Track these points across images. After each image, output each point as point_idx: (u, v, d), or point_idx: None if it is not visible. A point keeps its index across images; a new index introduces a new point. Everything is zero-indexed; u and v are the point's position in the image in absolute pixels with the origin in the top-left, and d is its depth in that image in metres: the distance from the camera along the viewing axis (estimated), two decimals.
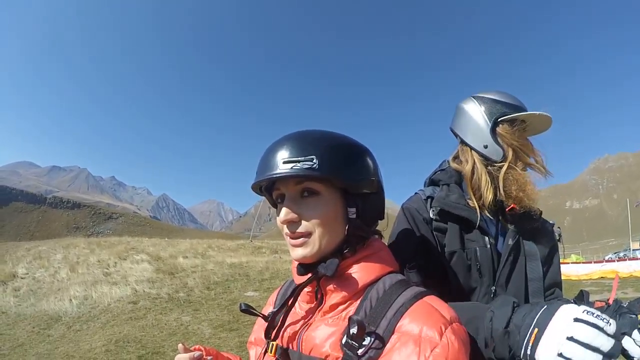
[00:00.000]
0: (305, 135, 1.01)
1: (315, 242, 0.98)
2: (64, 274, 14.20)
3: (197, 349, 1.22)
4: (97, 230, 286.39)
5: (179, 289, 11.64)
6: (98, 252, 18.31)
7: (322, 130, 1.05)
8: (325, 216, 0.98)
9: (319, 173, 0.94)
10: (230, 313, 9.45)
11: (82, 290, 11.07)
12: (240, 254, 20.74)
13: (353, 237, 1.01)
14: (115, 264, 15.67)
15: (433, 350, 0.81)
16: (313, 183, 0.98)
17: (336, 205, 0.99)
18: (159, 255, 17.44)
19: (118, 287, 11.47)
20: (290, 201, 1.00)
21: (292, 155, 0.96)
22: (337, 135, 1.05)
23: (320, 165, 0.94)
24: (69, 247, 20.24)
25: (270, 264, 16.19)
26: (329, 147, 0.97)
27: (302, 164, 0.94)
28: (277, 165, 0.96)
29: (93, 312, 9.57)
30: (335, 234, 1.00)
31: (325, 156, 0.95)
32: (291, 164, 0.95)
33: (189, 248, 20.84)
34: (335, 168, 0.96)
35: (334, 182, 0.97)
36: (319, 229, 0.97)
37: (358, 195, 1.01)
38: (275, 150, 0.99)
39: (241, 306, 1.15)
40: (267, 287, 12.26)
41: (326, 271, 0.96)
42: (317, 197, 0.99)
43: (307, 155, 0.95)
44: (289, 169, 0.95)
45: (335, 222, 0.99)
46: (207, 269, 14.66)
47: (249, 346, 1.27)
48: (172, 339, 7.60)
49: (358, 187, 1.00)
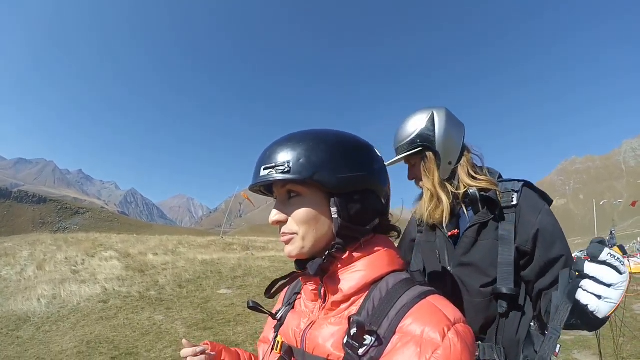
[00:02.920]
0: (286, 139, 1.03)
1: (299, 240, 1.01)
2: (31, 271, 13.85)
3: (205, 344, 1.27)
4: (63, 225, 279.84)
5: (150, 287, 11.48)
6: (65, 248, 17.90)
7: (307, 131, 1.06)
8: (306, 216, 1.00)
9: (291, 176, 0.96)
10: (204, 311, 9.38)
11: (50, 289, 10.79)
12: (211, 250, 20.56)
13: (344, 237, 1.01)
14: (83, 261, 15.36)
15: (434, 352, 0.80)
16: (294, 185, 1.00)
17: (321, 205, 1.01)
18: (128, 252, 17.18)
19: (87, 286, 11.23)
20: (279, 203, 1.05)
21: (270, 161, 1.00)
22: (321, 134, 1.04)
23: (292, 169, 0.96)
24: (35, 244, 19.70)
25: (242, 260, 16.07)
26: (305, 149, 0.98)
27: (276, 169, 0.98)
28: (259, 172, 1.01)
29: (62, 312, 9.36)
30: (321, 233, 1.01)
31: (300, 159, 0.97)
32: (268, 170, 0.99)
33: (158, 244, 20.59)
34: (309, 170, 0.96)
35: (311, 183, 0.98)
36: (302, 228, 1.00)
37: (343, 194, 1.00)
38: (260, 156, 1.04)
39: (249, 303, 1.18)
40: (240, 285, 12.19)
41: (310, 269, 0.99)
42: (300, 198, 1.01)
43: (283, 159, 0.98)
44: (266, 174, 0.99)
45: (319, 222, 1.00)
46: (178, 266, 14.47)
47: (259, 345, 1.29)
48: (145, 339, 7.50)
49: (339, 187, 0.99)
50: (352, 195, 1.01)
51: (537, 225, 1.57)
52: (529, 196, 1.64)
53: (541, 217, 1.59)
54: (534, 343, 1.52)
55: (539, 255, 1.56)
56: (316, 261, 0.99)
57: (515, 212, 1.61)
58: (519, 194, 1.63)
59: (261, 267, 14.79)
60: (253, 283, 12.41)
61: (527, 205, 1.62)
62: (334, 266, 1.02)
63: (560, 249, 1.55)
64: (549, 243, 1.56)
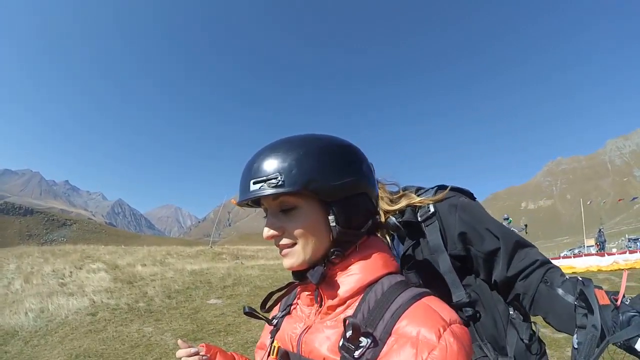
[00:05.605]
0: (273, 149, 0.99)
1: (299, 252, 1.00)
2: (18, 285, 13.72)
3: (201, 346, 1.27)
4: (50, 237, 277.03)
5: (138, 299, 11.35)
6: (52, 261, 17.74)
7: (294, 138, 1.03)
8: (304, 227, 0.98)
9: (284, 190, 0.93)
10: (194, 322, 9.31)
11: (38, 302, 10.65)
12: (200, 260, 20.49)
13: (341, 243, 1.01)
14: (71, 273, 15.22)
15: (430, 352, 0.79)
16: (287, 197, 0.98)
17: (316, 215, 0.99)
18: (116, 263, 17.06)
19: (75, 298, 11.08)
20: (272, 216, 1.03)
21: (259, 175, 0.96)
22: (309, 141, 1.01)
23: (285, 182, 0.94)
24: (22, 256, 19.52)
25: (232, 270, 15.96)
26: (296, 159, 0.95)
27: (268, 183, 0.95)
28: (248, 187, 0.98)
29: (50, 325, 9.24)
30: (319, 242, 1.00)
31: (292, 170, 0.94)
32: (259, 185, 0.96)
33: (147, 255, 20.47)
34: (303, 181, 0.94)
35: (306, 194, 0.96)
36: (301, 239, 0.99)
37: (338, 201, 0.99)
38: (246, 169, 1.01)
39: (245, 309, 1.19)
40: (230, 294, 12.12)
41: (312, 278, 0.98)
42: (295, 210, 0.99)
43: (273, 172, 0.95)
44: (257, 189, 0.96)
45: (316, 231, 0.99)
46: (167, 276, 14.37)
47: (256, 351, 1.29)
48: (135, 351, 7.43)
49: (334, 195, 0.97)
50: (346, 201, 1.00)
51: (458, 225, 1.56)
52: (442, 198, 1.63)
53: (458, 214, 1.58)
54: (517, 330, 1.52)
55: (475, 252, 1.56)
56: (317, 269, 0.99)
57: (437, 219, 1.60)
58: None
59: (251, 275, 14.69)
60: (243, 292, 12.34)
61: (443, 208, 1.61)
62: (331, 271, 1.02)
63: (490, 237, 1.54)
64: (478, 236, 1.55)
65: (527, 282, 1.49)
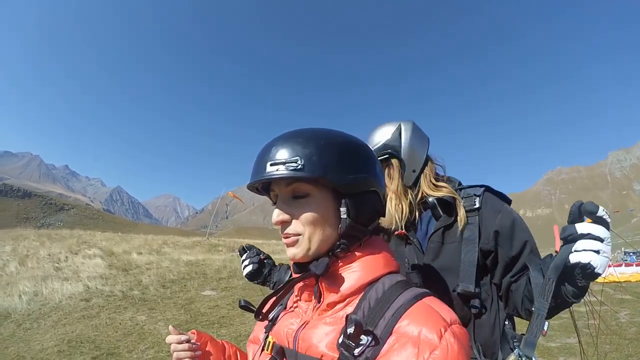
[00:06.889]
0: (294, 135, 1.00)
1: (305, 241, 0.99)
2: (13, 267, 13.63)
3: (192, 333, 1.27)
4: (47, 221, 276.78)
5: (133, 287, 11.40)
6: (48, 245, 17.63)
7: (314, 129, 1.03)
8: (314, 217, 0.98)
9: (303, 174, 0.93)
10: (188, 312, 9.34)
11: (32, 286, 10.66)
12: (196, 251, 20.44)
13: (347, 237, 1.01)
14: (66, 258, 15.12)
15: (432, 352, 0.80)
16: (302, 184, 0.98)
17: (327, 206, 1.00)
18: (112, 250, 16.98)
19: (69, 283, 11.12)
20: (282, 202, 1.02)
21: (278, 157, 0.96)
22: (329, 133, 1.02)
23: (305, 167, 0.93)
24: (18, 239, 19.40)
25: (227, 262, 16.03)
26: (317, 147, 0.96)
27: (286, 166, 0.94)
28: (264, 168, 0.97)
29: (44, 309, 9.25)
30: (327, 234, 1.00)
31: (312, 157, 0.94)
32: (276, 167, 0.95)
33: (143, 244, 20.39)
34: (322, 168, 0.94)
35: (322, 182, 0.97)
36: (309, 229, 0.98)
37: (350, 194, 0.99)
38: (264, 151, 1.00)
39: (240, 302, 1.18)
40: (225, 287, 12.17)
41: (316, 269, 0.97)
42: (307, 198, 0.99)
43: (293, 156, 0.94)
44: (274, 171, 0.96)
45: (325, 222, 0.99)
46: (162, 266, 14.40)
47: (248, 345, 1.27)
48: (128, 339, 7.44)
49: (348, 187, 0.98)
50: (359, 196, 1.01)
51: (496, 225, 1.62)
52: (489, 199, 1.69)
53: (500, 216, 1.63)
54: (509, 341, 1.55)
55: (502, 253, 1.60)
56: (323, 260, 0.98)
57: (478, 215, 1.66)
58: (481, 197, 1.69)
59: None
60: (238, 285, 12.38)
61: (488, 207, 1.66)
62: (334, 265, 1.01)
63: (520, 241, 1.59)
64: (509, 240, 1.60)
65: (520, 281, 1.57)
